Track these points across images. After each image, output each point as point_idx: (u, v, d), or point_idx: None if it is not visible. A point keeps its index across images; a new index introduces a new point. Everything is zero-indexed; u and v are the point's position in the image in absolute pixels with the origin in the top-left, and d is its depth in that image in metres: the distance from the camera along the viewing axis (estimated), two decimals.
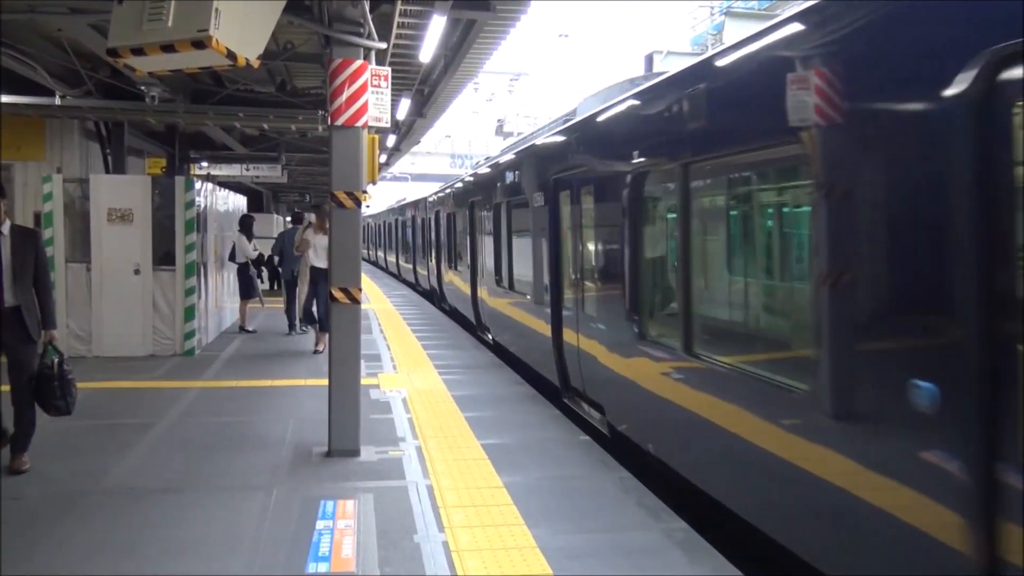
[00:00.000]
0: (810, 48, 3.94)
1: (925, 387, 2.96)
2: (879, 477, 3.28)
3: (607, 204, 6.97)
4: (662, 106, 5.74)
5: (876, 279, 3.45)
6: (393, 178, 53.57)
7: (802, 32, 4.02)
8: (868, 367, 3.43)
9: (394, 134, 17.50)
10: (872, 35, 3.43)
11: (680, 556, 4.46)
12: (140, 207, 11.03)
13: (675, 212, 5.56)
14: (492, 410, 8.01)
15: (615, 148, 6.83)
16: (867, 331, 3.47)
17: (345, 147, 6.39)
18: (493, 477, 5.86)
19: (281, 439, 6.91)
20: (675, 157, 5.45)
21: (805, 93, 3.83)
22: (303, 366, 10.53)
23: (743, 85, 4.65)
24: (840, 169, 3.63)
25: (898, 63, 3.26)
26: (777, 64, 4.18)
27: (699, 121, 5.11)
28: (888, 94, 3.30)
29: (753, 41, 4.49)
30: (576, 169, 7.74)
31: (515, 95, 39.12)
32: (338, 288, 6.41)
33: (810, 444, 3.82)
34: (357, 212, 6.50)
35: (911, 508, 3.08)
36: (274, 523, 4.96)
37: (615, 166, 6.72)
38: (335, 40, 6.35)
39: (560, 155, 8.37)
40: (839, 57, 3.66)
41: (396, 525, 4.91)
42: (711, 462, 5.15)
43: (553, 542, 4.64)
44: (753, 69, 4.52)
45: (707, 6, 25.73)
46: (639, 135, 6.27)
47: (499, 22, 9.11)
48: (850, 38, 3.60)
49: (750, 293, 4.95)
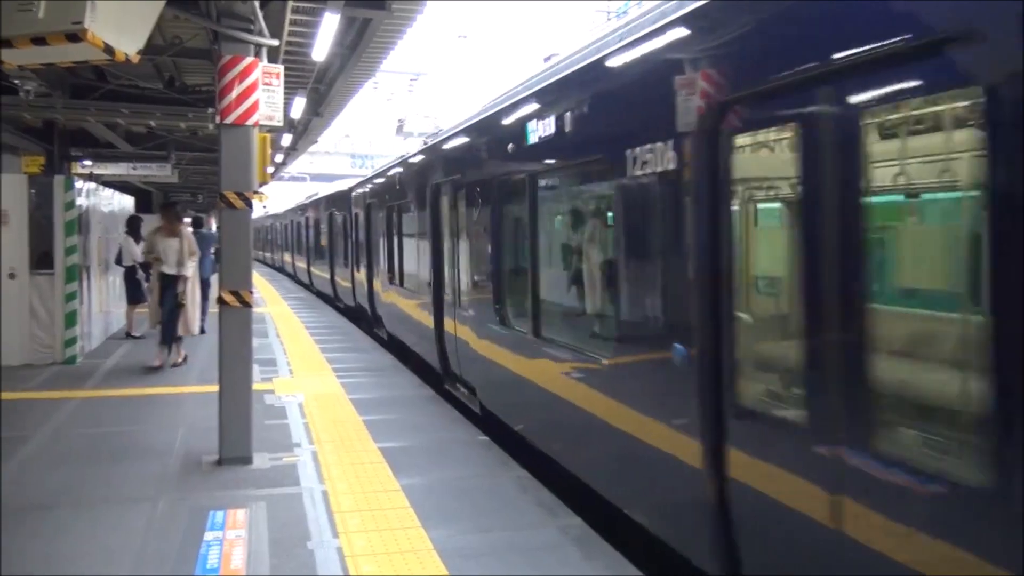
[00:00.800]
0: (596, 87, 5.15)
1: (679, 349, 3.99)
2: (646, 417, 4.41)
3: (474, 208, 7.81)
4: (506, 127, 6.74)
5: (645, 278, 4.56)
6: (291, 178, 52.46)
7: (589, 73, 5.20)
8: (648, 338, 4.56)
9: (289, 133, 17.12)
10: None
11: (575, 552, 4.53)
12: (15, 208, 10.42)
13: (517, 217, 6.71)
14: (391, 413, 7.93)
15: (478, 159, 7.71)
16: (644, 313, 4.60)
17: (235, 146, 6.21)
18: (391, 480, 5.81)
19: (169, 448, 6.66)
20: (521, 171, 6.45)
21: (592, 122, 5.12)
22: (193, 373, 10.17)
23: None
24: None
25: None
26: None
27: (536, 140, 6.03)
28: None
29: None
30: (450, 177, 8.64)
31: (415, 95, 38.88)
32: (228, 291, 6.23)
33: (607, 399, 4.92)
34: (247, 213, 6.32)
35: (668, 439, 4.15)
36: (159, 536, 4.78)
37: (474, 175, 7.71)
38: (224, 36, 6.18)
39: (436, 163, 9.34)
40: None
41: (289, 533, 4.81)
42: (543, 419, 6.29)
43: (450, 543, 4.63)
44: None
45: (603, 11, 26.21)
46: (492, 151, 7.27)
47: (395, 21, 9.03)
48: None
49: (571, 286, 6.08)
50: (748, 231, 3.73)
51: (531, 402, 6.37)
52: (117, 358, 11.32)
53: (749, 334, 3.64)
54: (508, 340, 6.84)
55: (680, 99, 3.89)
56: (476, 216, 7.68)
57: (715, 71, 3.66)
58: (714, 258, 3.69)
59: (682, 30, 4.03)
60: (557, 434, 5.99)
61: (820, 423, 3.10)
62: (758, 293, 3.78)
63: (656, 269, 4.35)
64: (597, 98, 5.10)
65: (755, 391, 3.61)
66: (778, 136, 3.40)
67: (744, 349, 3.62)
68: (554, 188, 6.54)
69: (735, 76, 3.54)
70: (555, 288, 6.41)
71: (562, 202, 6.49)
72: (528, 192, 6.37)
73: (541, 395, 5.97)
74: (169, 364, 10.41)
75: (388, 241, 12.57)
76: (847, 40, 2.87)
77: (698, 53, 3.90)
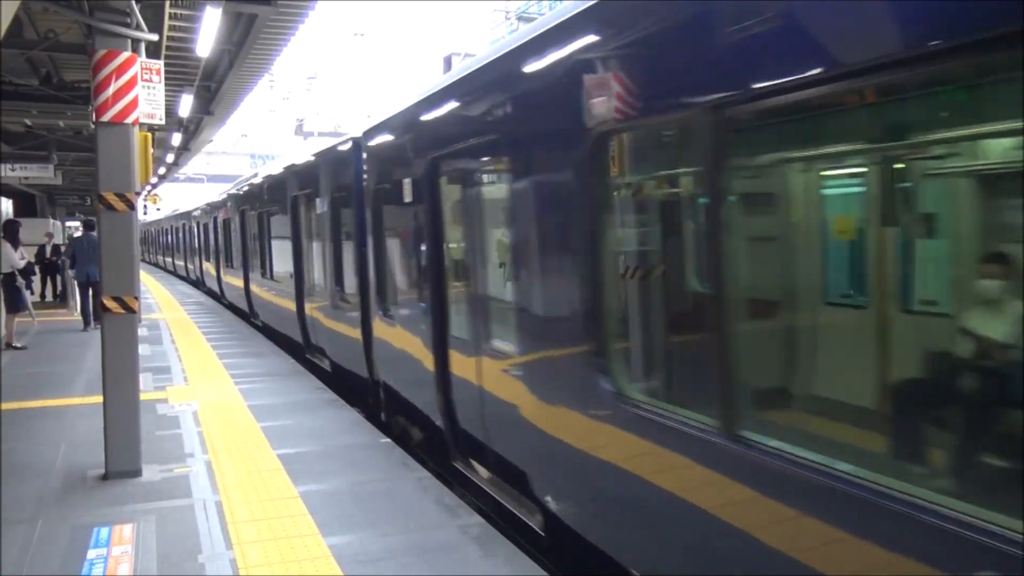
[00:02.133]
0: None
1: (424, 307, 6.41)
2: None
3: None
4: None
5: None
6: (187, 179, 50.80)
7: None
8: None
9: (179, 132, 16.50)
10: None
11: (475, 551, 4.51)
12: None
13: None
14: (290, 418, 7.74)
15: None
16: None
17: (113, 145, 5.93)
18: (288, 488, 5.66)
19: (50, 465, 6.31)
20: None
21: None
22: (80, 384, 9.68)
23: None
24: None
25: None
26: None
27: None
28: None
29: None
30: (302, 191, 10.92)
31: (314, 93, 38.15)
32: (110, 297, 5.94)
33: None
34: (130, 215, 6.05)
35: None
36: (38, 558, 4.52)
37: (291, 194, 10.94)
38: (98, 30, 5.90)
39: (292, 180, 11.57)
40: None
41: (179, 547, 4.63)
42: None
43: (348, 549, 4.55)
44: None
45: (502, 10, 26.32)
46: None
47: (283, 18, 8.80)
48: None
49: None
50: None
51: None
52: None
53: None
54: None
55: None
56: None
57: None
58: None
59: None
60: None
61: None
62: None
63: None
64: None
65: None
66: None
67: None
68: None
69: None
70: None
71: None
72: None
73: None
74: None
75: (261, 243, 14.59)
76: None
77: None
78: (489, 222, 5.45)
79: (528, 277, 4.64)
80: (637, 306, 4.07)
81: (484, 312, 5.43)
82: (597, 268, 3.86)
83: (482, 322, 5.43)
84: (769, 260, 3.44)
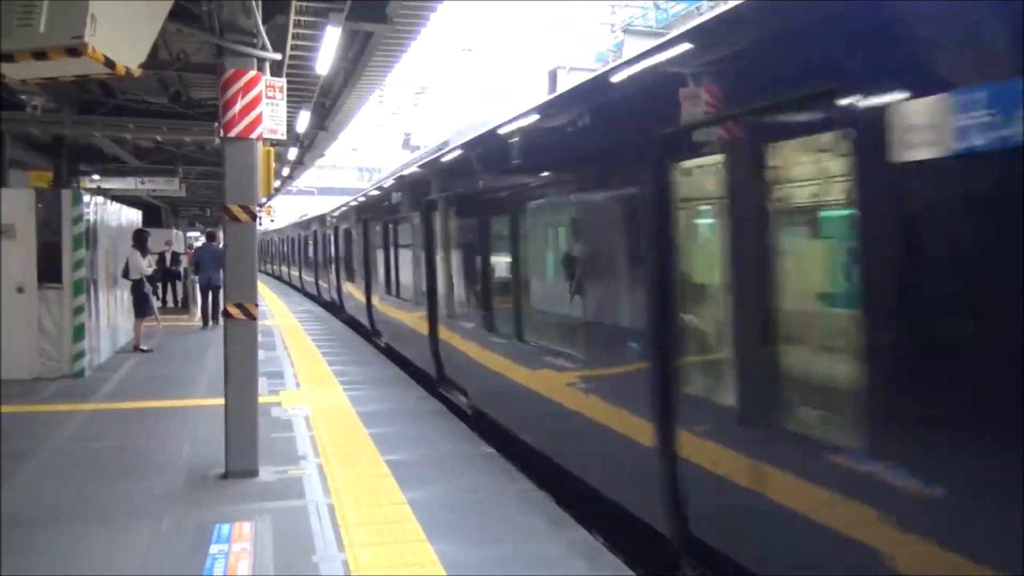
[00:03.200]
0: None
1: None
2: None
3: (466, 222, 8.34)
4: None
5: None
6: (299, 192, 52.64)
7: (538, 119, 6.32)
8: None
9: (296, 147, 17.17)
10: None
11: (583, 566, 4.48)
12: (23, 222, 10.47)
13: (510, 232, 6.98)
14: (396, 425, 7.91)
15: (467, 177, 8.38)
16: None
17: (239, 160, 6.23)
18: (396, 493, 5.78)
19: (175, 462, 6.64)
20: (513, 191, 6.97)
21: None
22: (201, 386, 10.18)
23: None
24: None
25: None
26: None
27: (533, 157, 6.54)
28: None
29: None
30: (442, 193, 9.22)
31: (421, 108, 38.98)
32: (233, 304, 6.22)
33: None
34: (252, 226, 6.33)
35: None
36: (164, 550, 4.76)
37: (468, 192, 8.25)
38: (227, 50, 6.19)
39: (429, 181, 9.90)
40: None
41: (294, 546, 4.78)
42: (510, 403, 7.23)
43: (455, 557, 4.60)
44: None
45: (607, 24, 26.26)
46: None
47: (398, 35, 9.06)
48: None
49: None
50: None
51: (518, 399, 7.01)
52: (125, 372, 11.34)
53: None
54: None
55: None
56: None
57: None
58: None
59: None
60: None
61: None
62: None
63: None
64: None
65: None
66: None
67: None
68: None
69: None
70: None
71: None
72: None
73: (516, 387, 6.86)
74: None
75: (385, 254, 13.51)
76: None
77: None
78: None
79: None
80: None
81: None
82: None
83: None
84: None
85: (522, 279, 6.98)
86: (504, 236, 7.15)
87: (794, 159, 3.57)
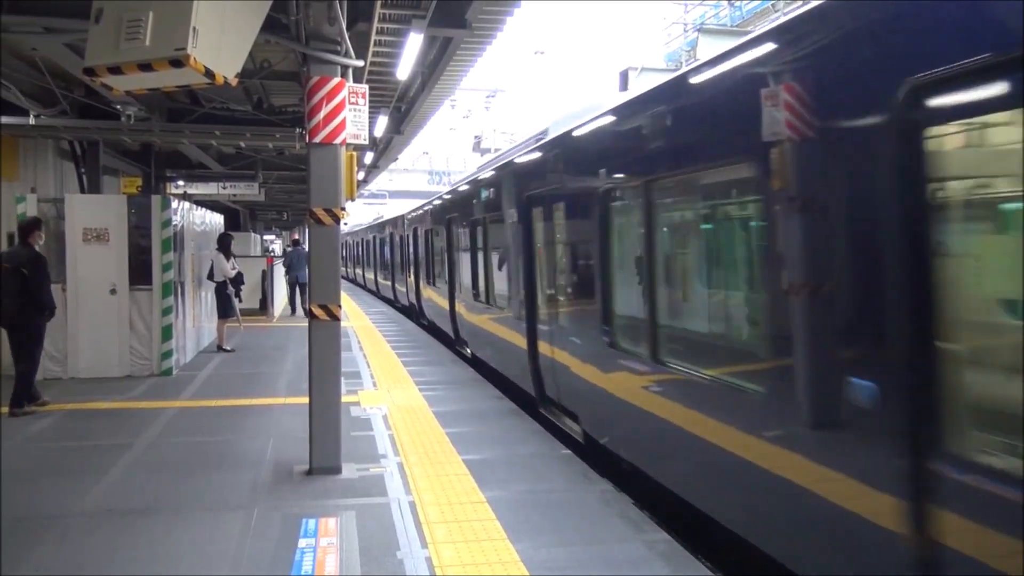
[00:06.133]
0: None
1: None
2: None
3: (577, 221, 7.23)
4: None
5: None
6: (371, 195, 53.51)
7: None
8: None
9: (372, 151, 17.51)
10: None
11: (663, 567, 4.48)
12: (116, 227, 10.95)
13: (640, 228, 5.79)
14: (473, 425, 8.00)
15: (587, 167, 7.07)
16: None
17: (323, 164, 6.40)
18: (475, 492, 5.85)
19: (261, 458, 6.86)
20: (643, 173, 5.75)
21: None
22: (282, 385, 10.47)
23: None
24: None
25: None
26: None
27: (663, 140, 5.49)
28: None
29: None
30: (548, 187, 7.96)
31: (492, 111, 39.28)
32: (317, 305, 6.40)
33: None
34: (336, 229, 6.50)
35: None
36: (255, 542, 4.93)
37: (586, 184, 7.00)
38: (312, 58, 6.38)
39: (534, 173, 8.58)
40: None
41: (379, 542, 4.90)
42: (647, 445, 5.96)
43: (536, 556, 4.64)
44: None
45: (680, 22, 26.03)
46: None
47: (475, 39, 9.17)
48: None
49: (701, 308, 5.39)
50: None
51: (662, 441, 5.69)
52: (210, 370, 11.74)
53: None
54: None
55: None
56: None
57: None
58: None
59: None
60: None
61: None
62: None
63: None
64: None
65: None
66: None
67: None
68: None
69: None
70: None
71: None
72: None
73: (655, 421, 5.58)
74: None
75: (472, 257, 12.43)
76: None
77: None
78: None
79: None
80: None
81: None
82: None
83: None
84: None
85: (669, 283, 5.76)
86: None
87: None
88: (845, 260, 3.57)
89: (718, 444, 4.59)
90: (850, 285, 3.54)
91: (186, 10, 4.58)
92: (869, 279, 3.38)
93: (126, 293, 10.98)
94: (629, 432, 6.24)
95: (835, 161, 3.58)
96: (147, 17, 4.50)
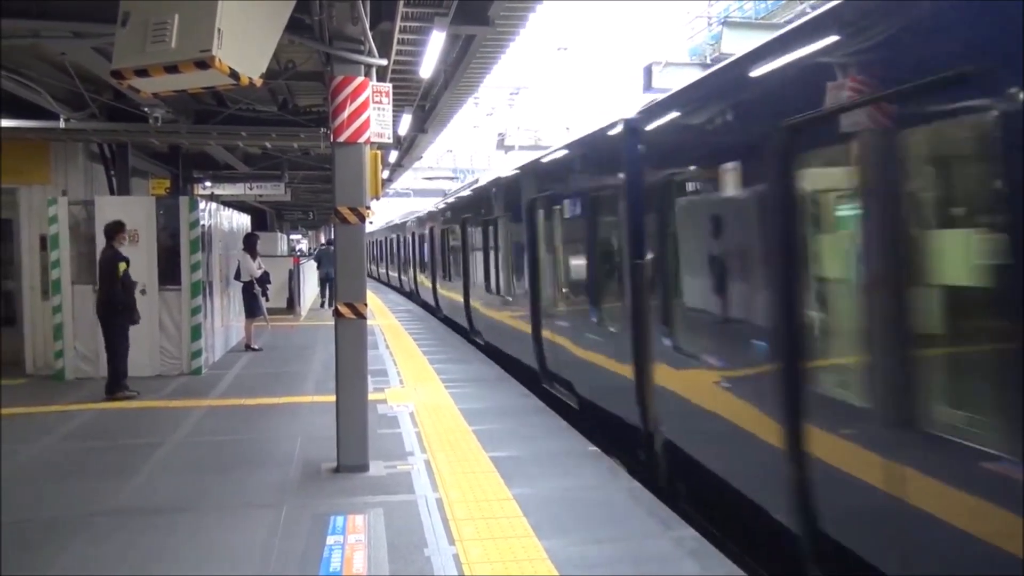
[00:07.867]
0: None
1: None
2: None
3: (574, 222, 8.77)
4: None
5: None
6: (395, 194, 53.69)
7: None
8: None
9: (396, 150, 17.56)
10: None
11: (691, 564, 4.45)
12: (145, 228, 11.07)
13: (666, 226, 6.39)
14: (500, 423, 8.00)
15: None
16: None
17: (348, 163, 6.42)
18: (502, 489, 5.85)
19: (289, 456, 6.91)
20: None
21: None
22: (310, 383, 10.54)
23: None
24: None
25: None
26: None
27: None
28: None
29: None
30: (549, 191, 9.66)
31: (515, 109, 39.17)
32: (343, 303, 6.43)
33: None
34: (361, 228, 6.52)
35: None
36: (284, 539, 4.97)
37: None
38: (336, 58, 6.39)
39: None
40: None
41: (407, 539, 4.91)
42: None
43: (564, 553, 4.63)
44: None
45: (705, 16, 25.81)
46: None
47: (498, 37, 9.16)
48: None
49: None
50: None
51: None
52: (238, 369, 11.86)
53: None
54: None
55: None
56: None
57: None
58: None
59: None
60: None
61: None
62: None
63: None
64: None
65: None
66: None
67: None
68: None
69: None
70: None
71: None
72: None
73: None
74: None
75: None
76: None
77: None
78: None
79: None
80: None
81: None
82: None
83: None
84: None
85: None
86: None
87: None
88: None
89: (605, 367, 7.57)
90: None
91: (211, 12, 4.62)
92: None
93: (155, 293, 11.11)
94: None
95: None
96: (172, 19, 4.54)
